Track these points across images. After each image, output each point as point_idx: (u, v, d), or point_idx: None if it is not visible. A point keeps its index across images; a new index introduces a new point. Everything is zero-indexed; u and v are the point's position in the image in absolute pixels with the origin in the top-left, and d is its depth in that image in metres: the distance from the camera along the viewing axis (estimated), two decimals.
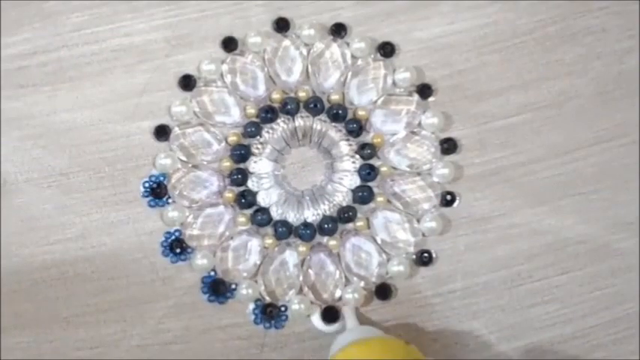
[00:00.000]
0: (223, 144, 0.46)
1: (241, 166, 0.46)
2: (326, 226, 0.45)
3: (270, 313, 0.45)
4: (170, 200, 0.46)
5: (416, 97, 0.47)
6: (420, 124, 0.47)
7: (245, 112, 0.46)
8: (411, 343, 0.42)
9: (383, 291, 0.45)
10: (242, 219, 0.46)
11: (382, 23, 0.47)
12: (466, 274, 0.46)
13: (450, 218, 0.47)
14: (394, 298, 0.46)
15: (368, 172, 0.46)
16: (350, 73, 0.47)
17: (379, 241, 0.46)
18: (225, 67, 0.47)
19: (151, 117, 0.46)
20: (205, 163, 0.46)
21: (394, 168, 0.47)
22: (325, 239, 0.46)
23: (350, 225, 0.46)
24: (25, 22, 0.47)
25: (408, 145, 0.47)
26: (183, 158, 0.46)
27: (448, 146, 0.47)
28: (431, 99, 0.47)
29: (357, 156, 0.46)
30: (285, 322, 0.45)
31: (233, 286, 0.45)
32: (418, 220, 0.46)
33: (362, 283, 0.46)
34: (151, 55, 0.47)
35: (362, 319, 0.45)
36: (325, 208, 0.46)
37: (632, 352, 0.46)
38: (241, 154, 0.46)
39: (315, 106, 0.46)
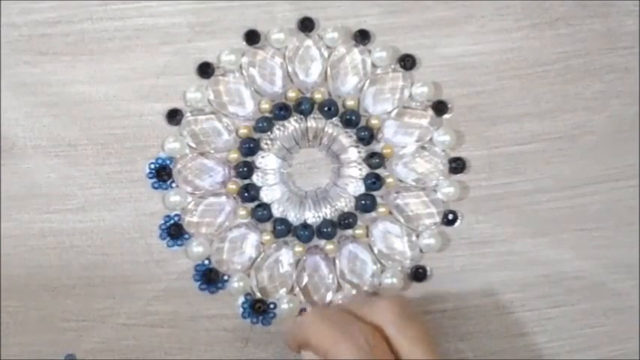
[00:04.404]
0: (233, 135, 0.46)
1: (248, 159, 0.46)
2: (325, 229, 0.45)
3: (258, 308, 0.45)
4: (174, 184, 0.46)
5: (430, 112, 0.47)
6: (431, 140, 0.47)
7: (259, 106, 0.46)
8: None
9: None
10: (242, 212, 0.46)
11: (407, 35, 0.47)
12: (458, 295, 0.46)
13: (449, 237, 0.46)
14: None
15: (373, 182, 0.46)
16: (368, 81, 0.47)
17: (376, 251, 0.46)
18: (245, 60, 0.47)
19: (165, 99, 0.46)
20: (213, 152, 0.46)
21: (400, 180, 0.46)
22: (323, 242, 0.46)
23: (349, 231, 0.46)
24: None
25: (416, 159, 0.47)
26: (192, 144, 0.46)
27: (457, 165, 0.46)
28: (445, 116, 0.47)
29: (365, 164, 0.46)
30: (273, 320, 0.45)
31: (225, 278, 0.45)
32: (417, 235, 0.46)
33: (354, 291, 0.46)
34: (173, 38, 0.47)
35: None
36: (326, 212, 0.46)
37: None
38: (250, 147, 0.46)
39: (329, 109, 0.46)
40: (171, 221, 0.46)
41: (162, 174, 0.46)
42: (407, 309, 0.40)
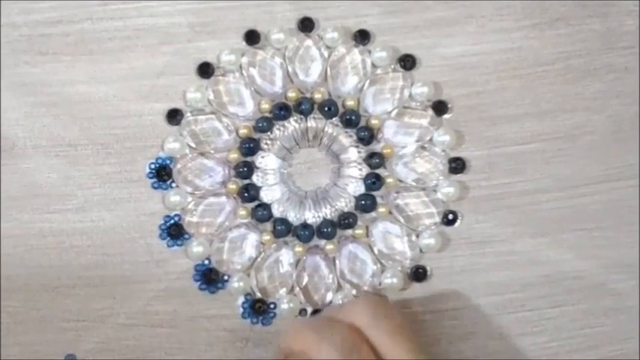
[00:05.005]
0: (233, 135, 0.46)
1: (248, 159, 0.46)
2: (325, 229, 0.45)
3: (258, 308, 0.45)
4: (174, 184, 0.46)
5: (430, 112, 0.47)
6: (431, 140, 0.47)
7: (259, 106, 0.46)
8: None
9: None
10: (242, 212, 0.46)
11: (407, 35, 0.47)
12: (459, 295, 0.46)
13: (449, 237, 0.46)
14: None
15: (373, 182, 0.46)
16: (368, 81, 0.47)
17: (376, 251, 0.46)
18: (244, 60, 0.47)
19: (165, 99, 0.46)
20: (213, 152, 0.46)
21: (400, 180, 0.46)
22: (323, 242, 0.46)
23: (349, 231, 0.46)
24: None
25: (416, 159, 0.47)
26: (192, 145, 0.46)
27: (457, 165, 0.46)
28: (445, 116, 0.47)
29: (365, 164, 0.46)
30: (273, 320, 0.45)
31: (225, 278, 0.45)
32: (417, 235, 0.46)
33: (354, 291, 0.46)
34: (173, 38, 0.47)
35: None
36: (326, 212, 0.46)
37: None
38: (250, 147, 0.46)
39: (329, 109, 0.46)
40: (171, 221, 0.46)
41: (162, 174, 0.46)
42: (380, 307, 0.41)
